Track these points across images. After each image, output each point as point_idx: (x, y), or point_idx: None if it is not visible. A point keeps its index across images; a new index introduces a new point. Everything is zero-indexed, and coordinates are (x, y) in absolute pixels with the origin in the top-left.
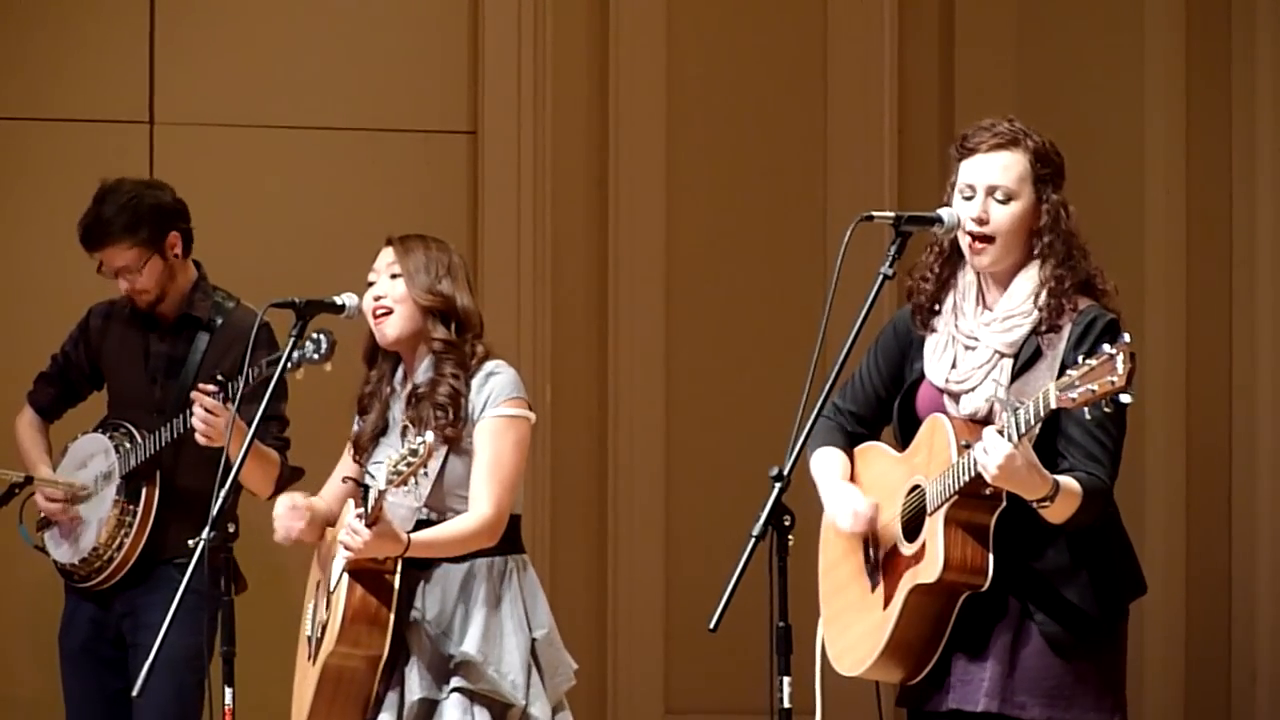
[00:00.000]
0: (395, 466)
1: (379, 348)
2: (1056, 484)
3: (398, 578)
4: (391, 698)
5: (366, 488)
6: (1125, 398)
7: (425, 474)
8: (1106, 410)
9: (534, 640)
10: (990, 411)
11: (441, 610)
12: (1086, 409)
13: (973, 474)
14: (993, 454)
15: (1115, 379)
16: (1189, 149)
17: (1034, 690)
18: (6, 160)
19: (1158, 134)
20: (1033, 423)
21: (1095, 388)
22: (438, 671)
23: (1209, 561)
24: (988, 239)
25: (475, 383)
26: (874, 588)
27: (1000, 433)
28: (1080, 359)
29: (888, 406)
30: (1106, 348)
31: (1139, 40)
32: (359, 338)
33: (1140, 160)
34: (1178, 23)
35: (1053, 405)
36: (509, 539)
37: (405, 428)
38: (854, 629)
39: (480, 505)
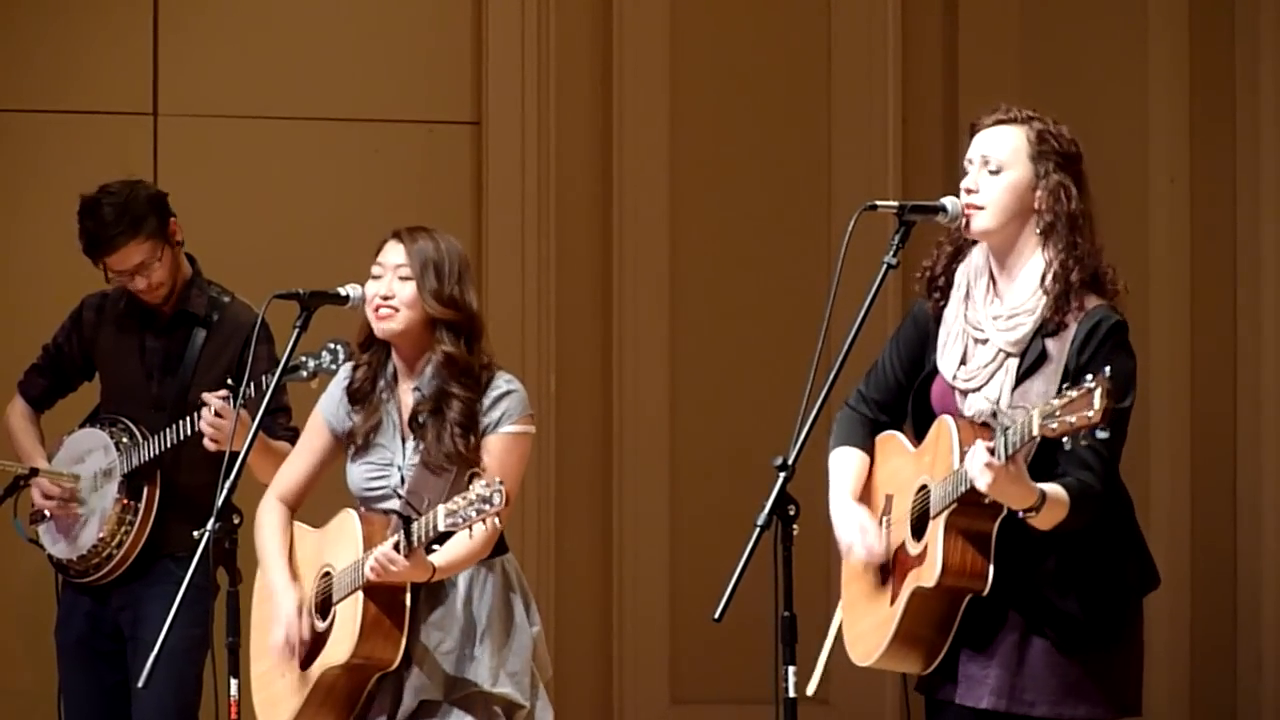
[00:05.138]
0: (462, 510)
1: (376, 338)
2: (1043, 495)
3: (409, 593)
4: (387, 700)
5: (408, 520)
6: (1101, 434)
7: (496, 523)
8: (1084, 443)
9: (533, 637)
10: (993, 415)
11: (448, 615)
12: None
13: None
14: (982, 475)
15: (1091, 414)
16: (1192, 139)
17: (1041, 688)
18: (10, 152)
19: (1161, 124)
20: (1019, 446)
21: (1073, 420)
22: (443, 676)
23: (1214, 553)
24: (979, 206)
25: (486, 400)
26: (884, 581)
27: (991, 450)
28: (1064, 388)
29: (909, 394)
30: (1088, 379)
31: (1142, 30)
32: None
33: (1144, 150)
34: (1181, 12)
35: (1035, 433)
36: (499, 540)
37: (438, 450)
38: (865, 620)
39: None
